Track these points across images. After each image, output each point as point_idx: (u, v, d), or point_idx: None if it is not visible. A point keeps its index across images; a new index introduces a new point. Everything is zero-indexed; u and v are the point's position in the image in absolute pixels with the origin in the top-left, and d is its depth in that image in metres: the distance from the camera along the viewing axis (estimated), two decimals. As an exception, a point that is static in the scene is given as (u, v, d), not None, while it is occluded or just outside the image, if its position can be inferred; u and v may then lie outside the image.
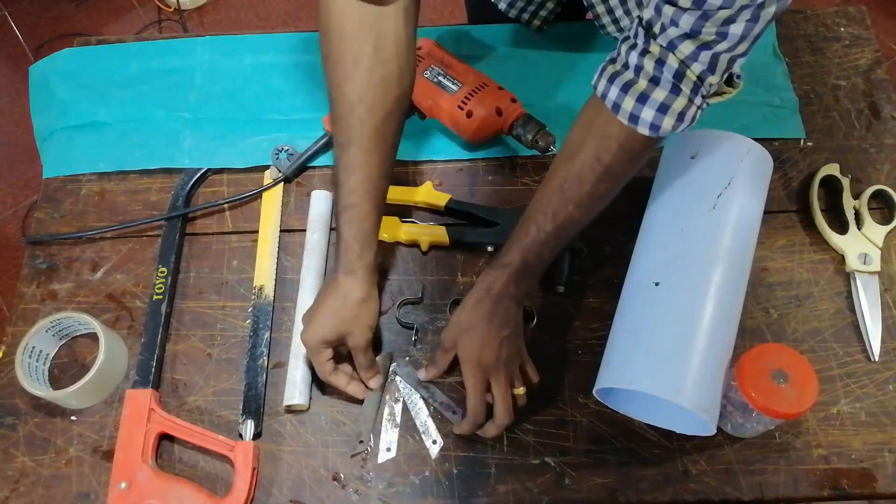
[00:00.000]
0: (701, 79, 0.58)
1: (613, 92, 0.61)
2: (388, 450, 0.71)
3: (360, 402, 0.73)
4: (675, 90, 0.59)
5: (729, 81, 0.64)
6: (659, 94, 0.59)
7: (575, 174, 0.65)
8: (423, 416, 0.73)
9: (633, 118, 0.60)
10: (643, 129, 0.61)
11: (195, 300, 0.80)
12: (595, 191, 0.65)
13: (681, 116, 0.60)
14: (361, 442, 0.71)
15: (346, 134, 0.68)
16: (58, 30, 2.11)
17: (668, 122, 0.60)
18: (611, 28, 0.87)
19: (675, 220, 0.73)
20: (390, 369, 0.75)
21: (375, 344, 0.76)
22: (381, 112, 0.68)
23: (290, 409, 0.73)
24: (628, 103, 0.60)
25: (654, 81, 0.59)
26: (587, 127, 0.65)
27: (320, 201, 0.83)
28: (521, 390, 0.70)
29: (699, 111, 0.61)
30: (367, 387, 0.73)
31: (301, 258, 0.81)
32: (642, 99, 0.59)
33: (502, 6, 0.92)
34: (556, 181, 0.67)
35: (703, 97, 0.60)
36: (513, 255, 0.69)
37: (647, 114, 0.60)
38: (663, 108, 0.59)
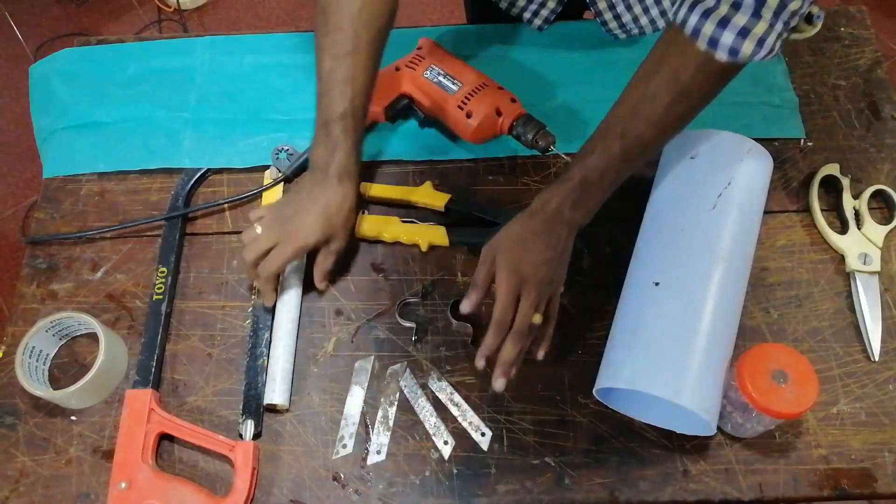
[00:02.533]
0: (783, 2, 0.58)
1: (693, 18, 0.61)
2: (378, 452, 0.71)
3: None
4: (756, 15, 0.59)
5: (808, 19, 0.63)
6: (740, 19, 0.59)
7: (650, 94, 0.65)
8: (431, 418, 0.73)
9: (713, 42, 0.61)
10: (721, 54, 0.61)
11: (195, 300, 0.80)
12: (670, 111, 0.66)
13: (760, 42, 0.60)
14: (345, 446, 0.71)
15: (343, 46, 0.70)
16: (58, 30, 2.11)
17: (747, 47, 0.60)
18: (613, 24, 0.87)
19: (675, 220, 0.73)
20: (389, 370, 0.75)
21: (375, 341, 0.76)
22: (376, 26, 0.72)
23: (271, 409, 0.73)
24: (708, 28, 0.60)
25: (735, 7, 0.59)
26: (663, 52, 0.65)
27: None
28: (538, 317, 0.67)
29: (779, 41, 0.61)
30: (319, 289, 0.77)
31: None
32: (723, 23, 0.60)
33: (503, 5, 0.92)
34: (629, 102, 0.67)
35: (784, 24, 0.60)
36: (573, 172, 0.68)
37: (727, 38, 0.60)
38: (744, 32, 0.59)
